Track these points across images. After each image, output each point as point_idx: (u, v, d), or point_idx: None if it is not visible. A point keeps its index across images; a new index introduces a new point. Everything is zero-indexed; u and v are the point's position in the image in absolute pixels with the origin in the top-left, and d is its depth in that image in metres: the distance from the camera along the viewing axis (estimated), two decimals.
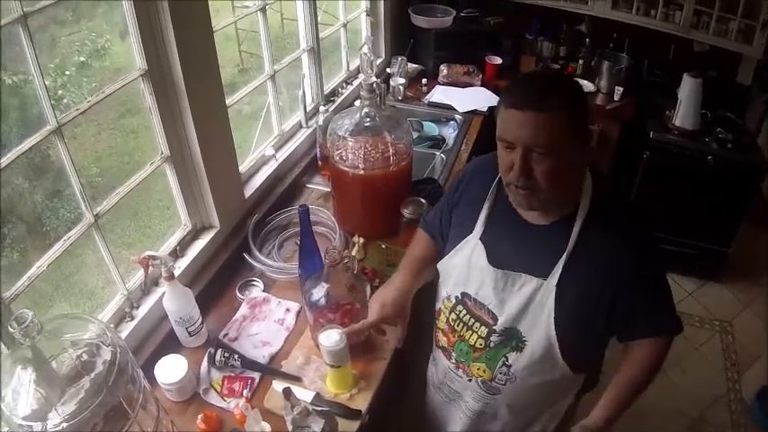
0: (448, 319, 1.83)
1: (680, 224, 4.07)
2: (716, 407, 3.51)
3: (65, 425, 1.23)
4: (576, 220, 1.56)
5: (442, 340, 1.88)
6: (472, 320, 1.75)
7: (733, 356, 3.82)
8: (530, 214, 1.64)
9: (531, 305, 1.63)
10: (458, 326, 1.80)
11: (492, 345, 1.72)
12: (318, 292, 1.88)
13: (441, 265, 1.86)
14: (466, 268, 1.75)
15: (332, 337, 1.76)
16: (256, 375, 1.95)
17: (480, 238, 1.73)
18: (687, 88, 3.74)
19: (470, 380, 1.83)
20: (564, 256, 1.57)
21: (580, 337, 1.64)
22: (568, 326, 1.60)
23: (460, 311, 1.78)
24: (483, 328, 1.72)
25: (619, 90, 3.99)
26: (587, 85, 4.11)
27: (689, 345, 3.84)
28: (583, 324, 1.62)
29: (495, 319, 1.69)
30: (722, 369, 3.74)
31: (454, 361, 1.86)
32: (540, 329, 1.63)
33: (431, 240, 2.02)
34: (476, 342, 1.75)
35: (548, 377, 1.71)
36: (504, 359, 1.71)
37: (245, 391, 1.90)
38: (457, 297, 1.79)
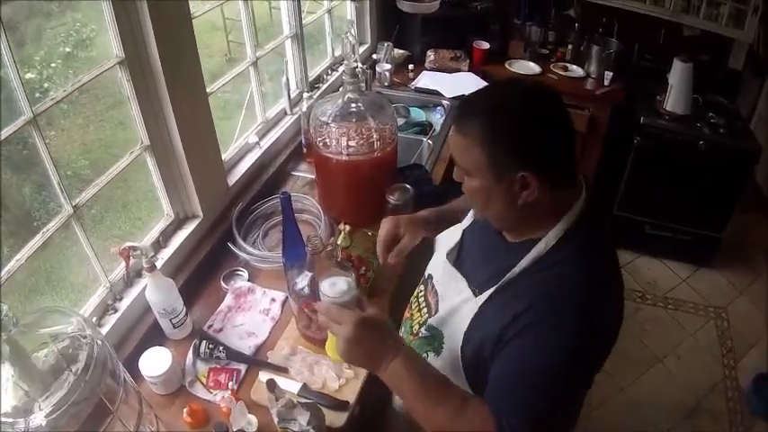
0: (416, 292, 1.78)
1: (672, 210, 4.07)
2: (712, 394, 3.50)
3: (44, 422, 1.18)
4: (530, 253, 1.39)
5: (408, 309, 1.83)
6: (424, 304, 1.69)
7: (729, 343, 3.81)
8: None
9: (456, 315, 1.52)
10: (414, 302, 1.76)
11: (420, 336, 1.64)
12: (302, 281, 1.84)
13: (437, 238, 1.81)
14: (439, 252, 1.71)
15: (338, 286, 1.45)
16: (242, 367, 1.93)
17: (464, 229, 1.67)
18: (678, 73, 3.72)
19: None
20: (501, 281, 1.41)
21: (480, 370, 1.44)
22: (471, 351, 1.45)
23: (420, 291, 1.74)
24: (426, 315, 1.65)
25: (608, 75, 3.94)
26: (576, 71, 4.09)
27: (684, 331, 3.84)
28: (480, 356, 1.43)
29: (432, 313, 1.62)
30: (718, 356, 3.74)
31: (402, 333, 1.79)
32: (456, 340, 1.50)
33: None
34: (413, 326, 1.70)
35: None
36: (425, 355, 1.60)
37: (231, 383, 1.87)
38: (426, 275, 1.74)
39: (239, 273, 2.29)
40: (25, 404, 1.20)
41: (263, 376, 1.85)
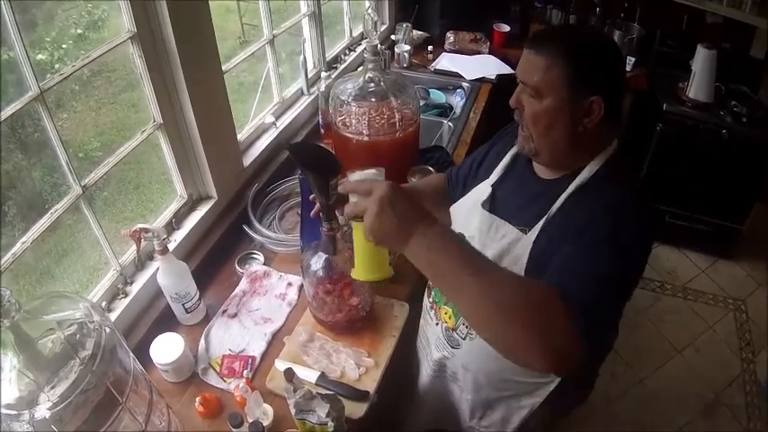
0: None
1: (693, 199, 4.00)
2: (731, 387, 3.45)
3: (48, 413, 1.13)
4: (575, 180, 1.46)
5: None
6: None
7: (747, 336, 3.75)
8: (539, 167, 1.59)
9: (507, 257, 1.52)
10: None
11: None
12: (317, 263, 1.79)
13: (452, 208, 1.81)
14: (469, 210, 1.71)
15: (366, 173, 1.37)
16: (257, 354, 1.88)
17: (492, 185, 1.68)
18: (701, 59, 3.63)
19: (437, 323, 1.80)
20: (550, 212, 1.47)
21: None
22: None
23: None
24: None
25: (630, 60, 3.87)
26: None
27: (703, 323, 3.78)
28: None
29: None
30: (736, 348, 3.68)
31: (431, 300, 1.84)
32: None
33: (444, 185, 1.98)
34: None
35: None
36: None
37: (245, 371, 1.82)
38: None
39: (254, 256, 2.24)
40: (30, 394, 1.15)
41: (280, 364, 1.80)
